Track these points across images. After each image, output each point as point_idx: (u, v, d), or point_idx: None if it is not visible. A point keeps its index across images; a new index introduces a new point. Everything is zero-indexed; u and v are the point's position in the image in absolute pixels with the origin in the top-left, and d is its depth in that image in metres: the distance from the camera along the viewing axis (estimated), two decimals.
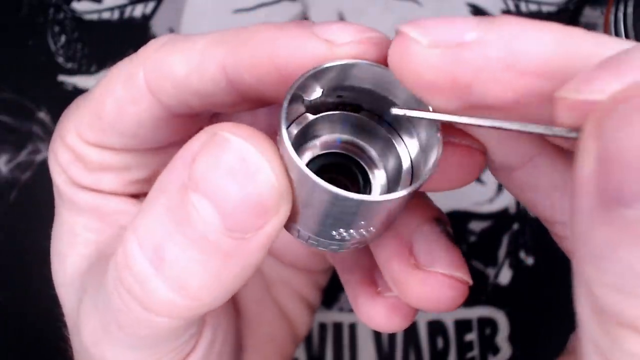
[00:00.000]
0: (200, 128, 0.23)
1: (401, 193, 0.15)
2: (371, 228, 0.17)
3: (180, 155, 0.16)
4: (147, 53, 0.19)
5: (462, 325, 0.37)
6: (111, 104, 0.20)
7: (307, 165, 0.18)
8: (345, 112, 0.19)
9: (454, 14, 0.38)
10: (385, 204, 0.16)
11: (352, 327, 0.37)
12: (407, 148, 0.19)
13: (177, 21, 0.40)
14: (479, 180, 0.38)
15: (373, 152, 0.19)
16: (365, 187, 0.19)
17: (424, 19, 0.15)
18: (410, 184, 0.18)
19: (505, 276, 0.37)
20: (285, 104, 0.16)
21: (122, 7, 0.40)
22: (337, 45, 0.17)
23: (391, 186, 0.19)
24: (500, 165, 0.19)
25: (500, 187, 0.38)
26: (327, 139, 0.19)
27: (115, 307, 0.17)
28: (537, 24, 0.15)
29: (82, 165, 0.22)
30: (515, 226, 0.38)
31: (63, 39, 0.40)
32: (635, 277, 0.11)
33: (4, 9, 0.40)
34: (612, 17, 0.33)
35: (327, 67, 0.16)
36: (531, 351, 0.37)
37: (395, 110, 0.17)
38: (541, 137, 0.17)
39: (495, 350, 0.37)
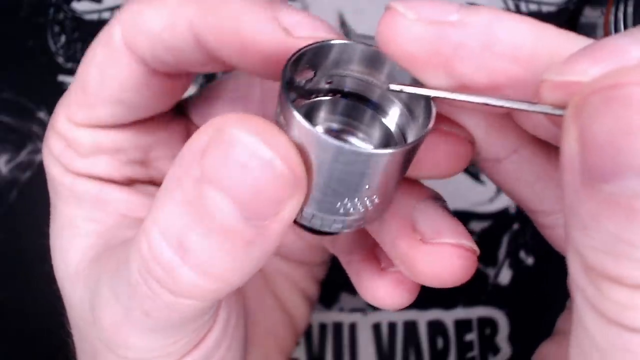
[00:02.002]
0: (180, 94, 0.23)
1: (406, 146, 0.16)
2: (374, 197, 0.17)
3: (189, 149, 0.16)
4: (124, 11, 0.20)
5: (462, 325, 0.37)
6: (93, 71, 0.21)
7: None
8: (333, 98, 0.19)
9: None
10: (391, 158, 0.16)
11: (352, 327, 0.37)
12: (392, 117, 0.19)
13: None
14: (478, 180, 0.38)
15: (360, 134, 0.20)
16: None
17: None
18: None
19: (505, 276, 0.37)
20: (286, 69, 0.16)
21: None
22: (293, 37, 0.18)
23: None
24: (486, 156, 0.20)
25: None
26: (320, 129, 0.20)
27: (142, 295, 0.18)
28: (514, 15, 0.16)
29: (75, 152, 0.22)
30: (515, 226, 0.38)
31: (63, 39, 0.40)
32: (615, 241, 0.13)
33: (4, 9, 0.40)
34: (612, 17, 0.33)
35: (329, 45, 0.17)
36: (531, 351, 0.37)
37: (392, 87, 0.18)
38: (524, 129, 0.18)
39: (495, 350, 0.37)
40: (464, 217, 0.37)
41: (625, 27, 0.32)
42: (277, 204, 0.16)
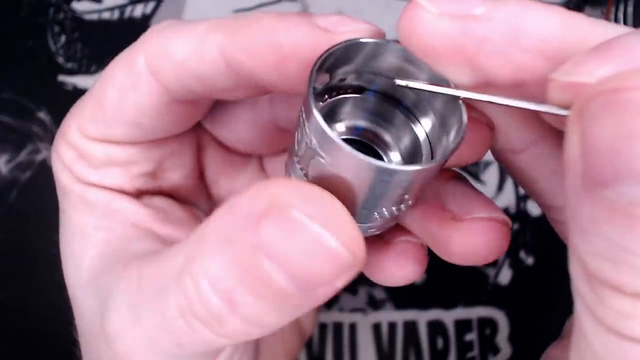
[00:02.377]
0: (198, 119, 0.23)
1: (439, 161, 0.16)
2: (409, 201, 0.17)
3: (242, 211, 0.16)
4: (148, 38, 0.20)
5: (462, 325, 0.37)
6: (112, 92, 0.20)
7: None
8: (361, 96, 0.19)
9: None
10: (425, 172, 0.16)
11: (352, 327, 0.37)
12: (423, 127, 0.19)
13: None
14: (478, 180, 0.38)
15: (387, 137, 0.20)
16: None
17: None
18: (432, 158, 0.18)
19: (505, 276, 0.37)
20: (312, 77, 0.16)
21: (122, 7, 0.40)
22: (336, 34, 0.17)
23: (407, 164, 0.19)
24: (503, 147, 0.19)
25: (500, 187, 0.38)
26: (345, 125, 0.19)
27: (178, 330, 0.18)
28: (542, 6, 0.15)
29: (87, 163, 0.22)
30: (515, 226, 0.38)
31: (63, 39, 0.40)
32: (614, 248, 0.12)
33: (4, 9, 0.40)
34: (612, 17, 0.33)
35: (359, 43, 0.17)
36: (531, 351, 0.37)
37: (398, 81, 0.17)
38: (544, 122, 0.18)
39: (495, 350, 0.37)
40: None
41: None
42: (334, 280, 0.16)
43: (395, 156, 0.20)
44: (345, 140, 0.19)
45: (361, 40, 0.17)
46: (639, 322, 0.13)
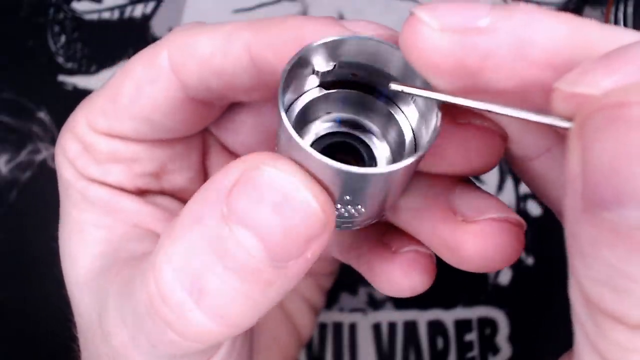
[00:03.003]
0: (209, 122, 0.23)
1: (403, 163, 0.15)
2: (378, 201, 0.17)
3: (214, 187, 0.16)
4: (173, 35, 0.20)
5: (462, 325, 0.37)
6: (129, 85, 0.20)
7: (311, 146, 0.18)
8: (342, 90, 0.19)
9: None
10: (389, 175, 0.16)
11: (352, 327, 0.37)
12: (407, 118, 0.19)
13: (177, 21, 0.40)
14: (479, 180, 0.38)
15: (374, 127, 0.19)
16: (371, 162, 0.19)
17: (438, 3, 0.15)
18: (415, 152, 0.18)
19: (505, 276, 0.37)
20: (286, 69, 0.16)
21: (122, 7, 0.40)
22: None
23: (395, 157, 0.19)
24: (517, 154, 0.19)
25: (500, 187, 0.38)
26: (327, 118, 0.19)
27: (147, 330, 0.17)
28: (550, 14, 0.14)
29: (91, 157, 0.22)
30: None
31: (63, 39, 0.40)
32: (615, 273, 0.11)
33: (4, 9, 0.40)
34: (612, 17, 0.33)
35: (337, 40, 0.17)
36: (531, 351, 0.37)
37: (393, 86, 0.17)
38: (556, 129, 0.17)
39: (495, 350, 0.37)
40: None
41: (625, 27, 0.32)
42: (305, 245, 0.15)
43: (383, 148, 0.19)
44: (327, 135, 0.19)
45: (338, 38, 0.17)
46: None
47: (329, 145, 0.19)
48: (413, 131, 0.19)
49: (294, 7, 0.39)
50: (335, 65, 0.18)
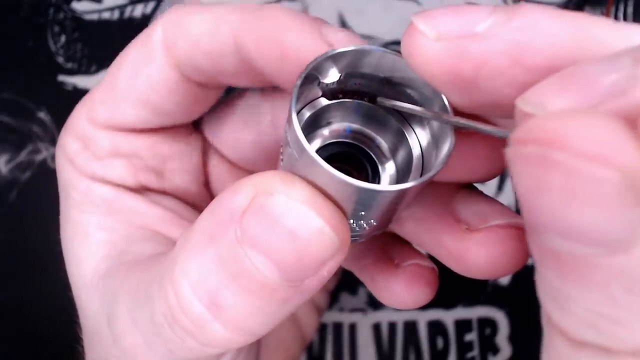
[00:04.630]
0: (206, 107, 0.23)
1: (421, 180, 0.15)
2: (389, 215, 0.17)
3: (226, 207, 0.16)
4: (167, 14, 0.20)
5: (462, 325, 0.37)
6: (126, 69, 0.21)
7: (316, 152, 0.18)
8: (358, 101, 0.19)
9: None
10: (405, 191, 0.15)
11: (352, 327, 0.37)
12: (418, 139, 0.18)
13: None
14: None
15: (383, 143, 0.19)
16: (374, 178, 0.19)
17: (436, 9, 0.15)
18: (421, 175, 0.17)
19: (505, 276, 0.37)
20: (297, 84, 0.16)
21: (122, 7, 0.40)
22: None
23: (400, 176, 0.19)
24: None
25: (500, 187, 0.38)
26: (337, 127, 0.19)
27: (166, 338, 0.18)
28: (553, 14, 0.14)
29: (92, 153, 0.22)
30: None
31: (63, 39, 0.40)
32: (556, 292, 0.12)
33: (4, 9, 0.40)
34: (612, 17, 0.33)
35: (342, 52, 0.17)
36: (531, 351, 0.37)
37: (380, 100, 0.17)
38: None
39: (495, 350, 0.37)
40: None
41: None
42: (319, 266, 0.16)
43: (390, 166, 0.19)
44: (333, 143, 0.19)
45: (345, 49, 0.17)
46: None
47: (333, 154, 0.19)
48: (422, 151, 0.18)
49: (294, 7, 0.39)
50: (340, 76, 0.18)
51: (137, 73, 0.21)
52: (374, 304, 0.37)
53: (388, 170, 0.19)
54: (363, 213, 0.16)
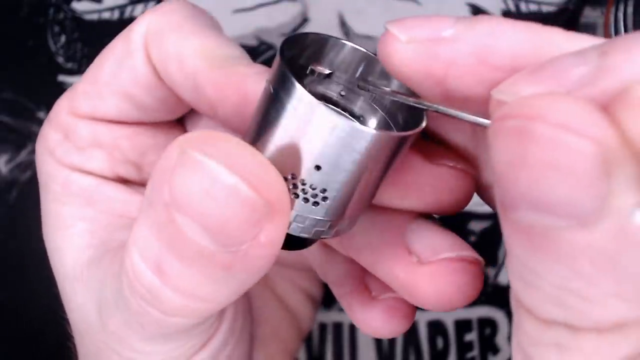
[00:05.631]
0: (188, 107, 0.23)
1: (396, 133, 0.16)
2: (346, 189, 0.17)
3: (160, 169, 0.16)
4: (156, 14, 0.21)
5: (462, 325, 0.37)
6: (110, 61, 0.21)
7: None
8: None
9: (454, 13, 0.38)
10: (374, 144, 0.16)
11: (352, 327, 0.37)
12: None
13: None
14: None
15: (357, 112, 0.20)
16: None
17: (407, 18, 0.16)
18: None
19: (505, 276, 0.37)
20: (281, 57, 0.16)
21: (122, 7, 0.40)
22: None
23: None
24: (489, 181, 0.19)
25: None
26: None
27: (134, 311, 0.18)
28: (511, 21, 0.15)
29: (72, 144, 0.22)
30: None
31: (63, 39, 0.40)
32: (524, 268, 0.12)
33: (4, 9, 0.40)
34: (612, 17, 0.33)
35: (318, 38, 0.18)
36: None
37: (362, 83, 0.18)
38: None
39: (495, 350, 0.37)
40: (464, 217, 0.37)
41: (625, 27, 0.32)
42: (250, 229, 0.15)
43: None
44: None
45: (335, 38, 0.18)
46: (545, 350, 0.12)
47: None
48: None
49: (294, 7, 0.39)
50: (331, 74, 0.18)
51: (120, 66, 0.21)
52: None
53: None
54: (319, 168, 0.16)
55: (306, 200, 0.17)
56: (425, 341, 0.37)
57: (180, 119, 0.25)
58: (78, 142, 0.22)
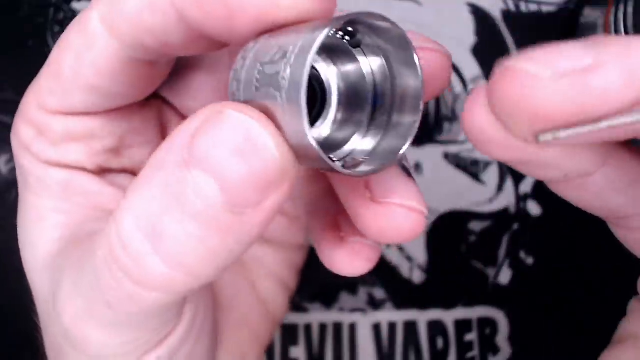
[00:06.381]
0: (158, 82, 0.22)
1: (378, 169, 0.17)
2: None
3: (178, 134, 0.16)
4: None
5: (462, 325, 0.37)
6: (69, 57, 0.20)
7: None
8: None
9: (454, 13, 0.38)
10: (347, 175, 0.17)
11: (352, 327, 0.37)
12: (370, 64, 0.19)
13: None
14: (478, 180, 0.38)
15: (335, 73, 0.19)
16: (322, 106, 0.19)
17: (532, 51, 0.14)
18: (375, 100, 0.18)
19: (505, 276, 0.37)
20: (325, 33, 0.15)
21: None
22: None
23: (344, 104, 0.19)
24: (574, 175, 0.18)
25: (500, 187, 0.38)
26: None
27: (105, 284, 0.17)
28: (635, 38, 0.14)
29: (46, 139, 0.22)
30: (515, 226, 0.38)
31: None
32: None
33: (3, 9, 0.40)
34: (612, 17, 0.33)
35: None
36: (531, 351, 0.37)
37: (542, 137, 0.15)
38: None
39: (495, 350, 0.37)
40: (464, 217, 0.37)
41: (626, 27, 0.32)
42: (263, 192, 0.16)
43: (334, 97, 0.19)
44: None
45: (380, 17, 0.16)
46: None
47: None
48: (375, 81, 0.19)
49: None
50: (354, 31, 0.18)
51: (80, 59, 0.20)
52: (374, 304, 0.37)
53: (334, 100, 0.20)
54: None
55: None
56: (425, 341, 0.37)
57: (156, 95, 0.24)
58: (52, 137, 0.22)
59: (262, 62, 0.17)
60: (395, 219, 0.19)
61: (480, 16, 0.38)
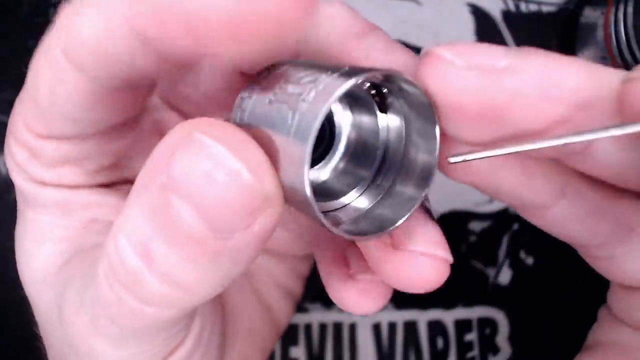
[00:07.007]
0: (143, 101, 0.21)
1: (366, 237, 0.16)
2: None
3: (158, 152, 0.15)
4: (60, 23, 0.17)
5: (462, 325, 0.37)
6: (43, 89, 0.19)
7: None
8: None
9: (453, 13, 0.38)
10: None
11: (352, 327, 0.37)
12: (388, 122, 0.18)
13: None
14: None
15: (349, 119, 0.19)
16: (328, 149, 0.19)
17: (454, 43, 0.15)
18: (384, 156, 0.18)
19: (505, 276, 0.37)
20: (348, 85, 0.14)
21: None
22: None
23: (349, 155, 0.19)
24: (532, 205, 0.19)
25: None
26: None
27: (107, 301, 0.17)
28: (564, 57, 0.15)
29: (40, 162, 0.21)
30: (515, 226, 0.38)
31: None
32: None
33: (4, 9, 0.40)
34: (612, 17, 0.33)
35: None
36: (531, 351, 0.37)
37: (453, 159, 0.16)
38: (570, 170, 0.17)
39: (495, 350, 0.37)
40: (464, 217, 0.37)
41: (625, 27, 0.32)
42: (246, 217, 0.15)
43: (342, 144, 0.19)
44: None
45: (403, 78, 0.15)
46: None
47: None
48: (388, 143, 0.18)
49: None
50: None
51: (54, 94, 0.18)
52: None
53: (340, 147, 0.19)
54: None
55: None
56: (425, 341, 0.37)
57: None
58: (45, 161, 0.21)
59: (286, 79, 0.16)
60: (419, 268, 0.18)
61: (480, 16, 0.38)
